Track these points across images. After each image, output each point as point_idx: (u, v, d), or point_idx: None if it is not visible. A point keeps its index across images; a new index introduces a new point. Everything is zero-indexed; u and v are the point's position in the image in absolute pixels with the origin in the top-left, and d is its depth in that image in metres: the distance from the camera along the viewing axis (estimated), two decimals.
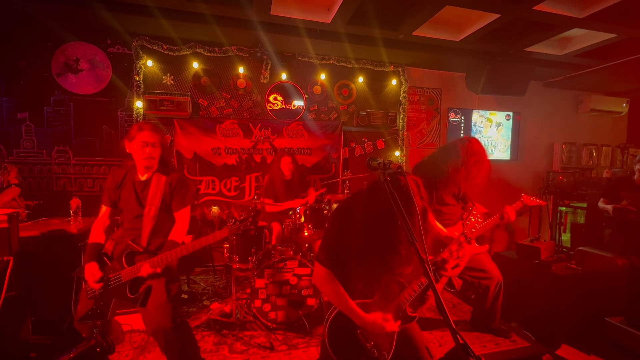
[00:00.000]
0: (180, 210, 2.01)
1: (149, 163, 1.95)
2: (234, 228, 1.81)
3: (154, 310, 1.84)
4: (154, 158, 1.96)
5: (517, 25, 3.72)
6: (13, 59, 3.70)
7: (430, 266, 1.17)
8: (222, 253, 3.10)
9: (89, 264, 1.87)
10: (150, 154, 1.93)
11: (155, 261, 1.80)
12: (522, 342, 2.64)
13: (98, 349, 1.18)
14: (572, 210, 5.19)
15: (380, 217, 1.34)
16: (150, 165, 1.97)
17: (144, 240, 1.96)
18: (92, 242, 1.96)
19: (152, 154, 1.94)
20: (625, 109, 5.82)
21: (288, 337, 2.65)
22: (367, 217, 1.38)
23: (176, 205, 2.00)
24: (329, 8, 3.53)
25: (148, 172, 2.00)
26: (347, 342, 1.47)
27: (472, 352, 0.94)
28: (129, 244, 1.94)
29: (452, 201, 2.49)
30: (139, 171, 2.00)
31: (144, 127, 1.95)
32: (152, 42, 3.94)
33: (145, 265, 1.79)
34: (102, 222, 2.03)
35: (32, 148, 3.83)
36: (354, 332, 1.47)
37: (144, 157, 1.93)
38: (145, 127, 1.95)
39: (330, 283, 1.45)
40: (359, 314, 1.43)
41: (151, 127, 1.97)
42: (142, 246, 1.95)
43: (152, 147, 1.94)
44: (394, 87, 4.89)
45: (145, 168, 1.98)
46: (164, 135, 2.07)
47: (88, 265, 1.87)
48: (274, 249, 2.89)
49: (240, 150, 4.38)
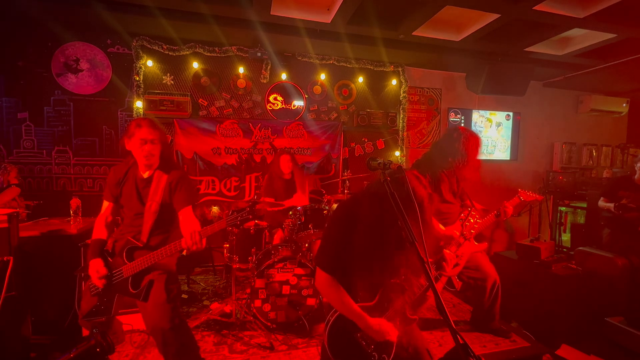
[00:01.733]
0: (184, 209, 1.93)
1: (149, 161, 1.91)
2: (231, 218, 1.75)
3: (152, 310, 1.83)
4: (154, 155, 1.91)
5: (517, 25, 3.72)
6: (13, 59, 3.70)
7: (431, 266, 1.17)
8: (222, 253, 3.10)
9: (94, 260, 1.85)
10: (150, 151, 1.89)
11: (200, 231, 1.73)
12: (522, 342, 2.64)
13: (98, 349, 1.18)
14: (572, 210, 5.19)
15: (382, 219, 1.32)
16: (150, 163, 1.93)
17: (144, 236, 1.93)
18: (95, 239, 1.95)
19: (151, 151, 1.89)
20: (625, 109, 5.82)
21: (288, 337, 2.65)
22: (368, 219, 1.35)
23: (179, 203, 1.94)
24: (329, 8, 3.53)
25: (150, 169, 1.97)
26: (347, 345, 1.45)
27: (472, 352, 0.94)
28: (129, 240, 1.92)
29: (451, 199, 2.49)
30: (140, 168, 1.97)
31: (142, 124, 1.89)
32: (152, 42, 3.94)
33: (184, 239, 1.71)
34: (105, 217, 2.01)
35: (32, 148, 3.83)
36: (355, 335, 1.45)
37: (143, 154, 1.89)
38: (143, 124, 1.89)
39: (334, 288, 1.43)
40: (364, 319, 1.41)
41: (150, 123, 1.91)
42: (142, 242, 1.92)
43: (152, 143, 1.89)
44: (394, 87, 4.89)
45: (146, 166, 1.94)
46: (163, 131, 2.01)
47: (93, 262, 1.84)
48: (274, 249, 2.89)
49: (240, 150, 4.38)
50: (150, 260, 1.80)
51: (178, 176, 1.97)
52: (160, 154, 1.96)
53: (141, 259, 1.81)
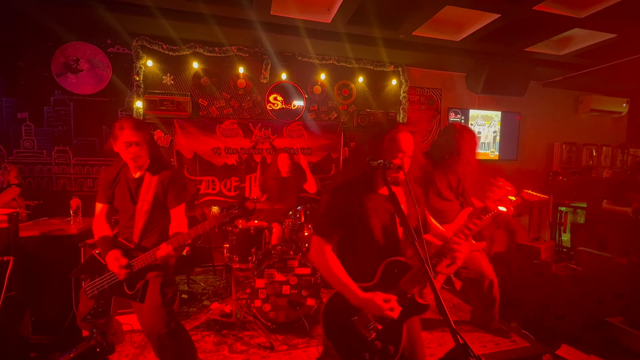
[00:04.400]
0: (177, 207, 1.94)
1: (137, 162, 1.88)
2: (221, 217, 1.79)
3: (148, 314, 1.82)
4: (140, 156, 1.87)
5: (517, 25, 3.72)
6: (13, 59, 3.70)
7: (430, 265, 1.17)
8: (222, 253, 3.10)
9: (111, 252, 1.81)
10: (136, 153, 1.85)
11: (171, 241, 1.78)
12: (522, 342, 2.64)
13: (98, 349, 1.18)
14: (572, 210, 5.19)
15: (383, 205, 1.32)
16: (139, 164, 1.91)
17: (136, 237, 1.91)
18: (102, 236, 1.92)
19: (137, 153, 1.85)
20: (625, 109, 5.82)
21: (288, 337, 2.65)
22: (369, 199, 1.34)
23: (171, 202, 1.94)
24: (329, 8, 3.53)
25: (140, 170, 1.94)
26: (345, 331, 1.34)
27: (472, 352, 0.94)
28: (121, 242, 1.92)
29: (450, 196, 2.49)
30: (131, 169, 1.95)
31: (124, 126, 1.83)
32: (152, 42, 3.94)
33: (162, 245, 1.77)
34: (101, 219, 1.99)
35: (32, 148, 3.83)
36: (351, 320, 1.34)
37: (130, 157, 1.85)
38: (125, 126, 1.83)
39: (324, 254, 1.37)
40: (353, 291, 1.31)
41: (133, 125, 1.84)
42: (134, 243, 1.91)
43: (136, 145, 1.84)
44: (394, 87, 4.88)
45: (135, 167, 1.92)
46: (149, 131, 1.94)
47: (110, 254, 1.80)
48: (274, 249, 2.89)
49: (240, 150, 4.38)
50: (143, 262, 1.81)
51: (169, 175, 1.95)
52: (148, 154, 1.92)
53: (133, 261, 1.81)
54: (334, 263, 1.36)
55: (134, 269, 1.83)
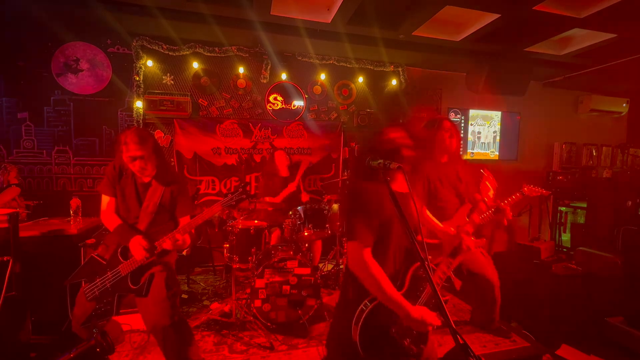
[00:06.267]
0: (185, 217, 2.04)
1: (143, 173, 1.95)
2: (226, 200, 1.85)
3: (152, 307, 1.85)
4: (146, 169, 1.93)
5: (517, 25, 3.72)
6: (13, 59, 3.70)
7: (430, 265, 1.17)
8: (222, 253, 3.10)
9: (134, 237, 1.83)
10: (141, 166, 1.91)
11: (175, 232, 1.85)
12: (522, 342, 2.64)
13: (98, 349, 1.18)
14: (572, 210, 5.19)
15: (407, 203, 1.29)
16: (145, 175, 1.97)
17: None
18: (119, 224, 1.94)
19: (142, 166, 1.91)
20: (625, 109, 5.82)
21: (288, 337, 2.65)
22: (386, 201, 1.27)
23: (181, 211, 2.03)
24: (329, 8, 3.53)
25: (148, 176, 2.00)
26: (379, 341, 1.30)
27: (472, 352, 0.94)
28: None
29: (449, 193, 2.47)
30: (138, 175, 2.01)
31: (128, 141, 1.85)
32: (152, 42, 3.93)
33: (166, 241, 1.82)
34: (110, 210, 2.00)
35: (32, 148, 3.83)
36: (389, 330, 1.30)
37: (136, 170, 1.92)
38: (129, 141, 1.85)
39: (367, 261, 1.25)
40: (404, 308, 1.24)
41: (137, 140, 1.85)
42: None
43: (142, 159, 1.89)
44: (394, 87, 4.88)
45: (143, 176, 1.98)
46: (153, 142, 1.96)
47: (134, 239, 1.82)
48: (274, 249, 2.89)
49: (240, 150, 4.38)
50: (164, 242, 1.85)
51: (177, 188, 2.02)
52: (154, 164, 1.96)
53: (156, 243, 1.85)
54: (378, 272, 1.26)
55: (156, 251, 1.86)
